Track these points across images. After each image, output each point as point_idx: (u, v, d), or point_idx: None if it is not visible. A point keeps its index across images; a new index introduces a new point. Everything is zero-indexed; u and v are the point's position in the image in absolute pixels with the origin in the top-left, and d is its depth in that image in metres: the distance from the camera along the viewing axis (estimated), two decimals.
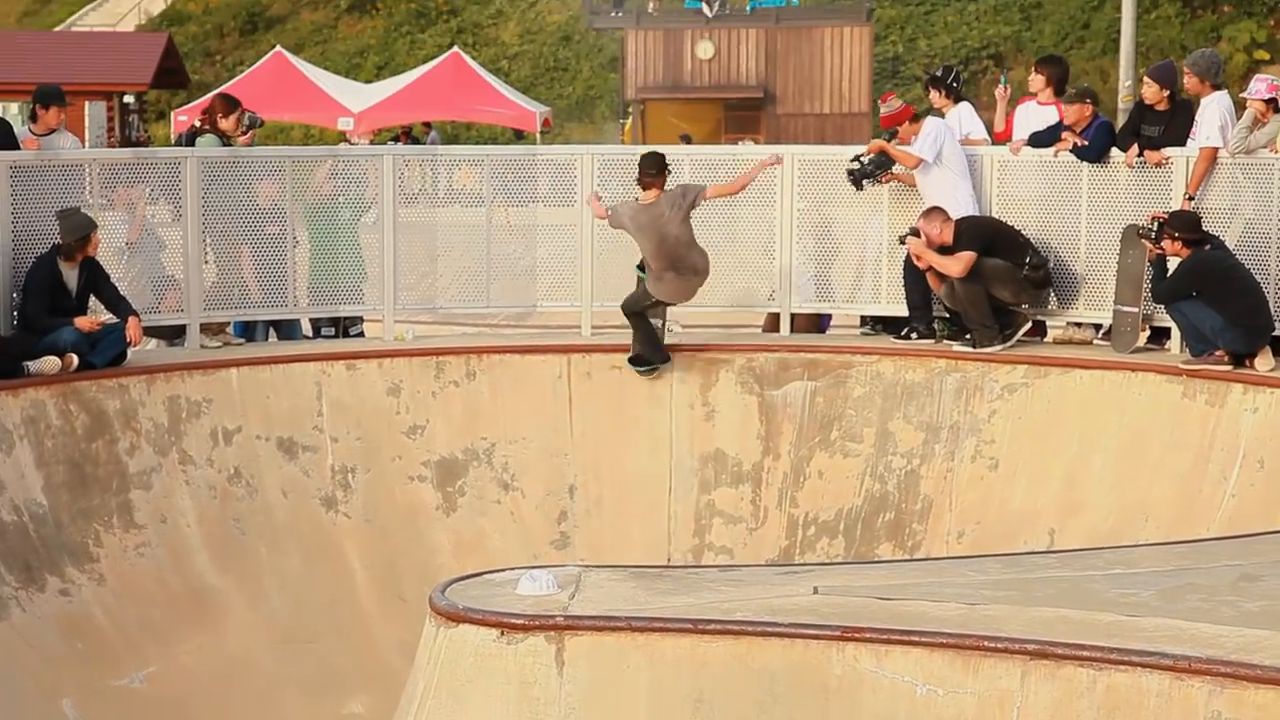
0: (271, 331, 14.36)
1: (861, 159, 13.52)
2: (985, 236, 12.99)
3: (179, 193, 13.24)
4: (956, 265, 12.95)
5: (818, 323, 14.65)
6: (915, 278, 13.45)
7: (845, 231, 14.13)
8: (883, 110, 13.85)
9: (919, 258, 13.15)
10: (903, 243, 13.27)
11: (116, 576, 11.56)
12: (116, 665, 11.07)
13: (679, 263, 13.09)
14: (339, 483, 12.76)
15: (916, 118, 13.53)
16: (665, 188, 13.01)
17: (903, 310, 13.67)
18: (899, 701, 6.55)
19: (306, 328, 14.72)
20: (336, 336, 14.65)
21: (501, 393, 13.38)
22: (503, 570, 7.86)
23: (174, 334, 13.88)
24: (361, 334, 14.94)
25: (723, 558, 12.81)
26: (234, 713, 10.68)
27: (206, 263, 13.58)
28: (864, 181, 13.52)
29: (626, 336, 13.98)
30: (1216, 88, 12.82)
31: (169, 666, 11.17)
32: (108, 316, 12.65)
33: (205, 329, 13.57)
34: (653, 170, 13.04)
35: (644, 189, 13.09)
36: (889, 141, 13.56)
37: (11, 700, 10.38)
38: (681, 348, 13.58)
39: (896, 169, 13.53)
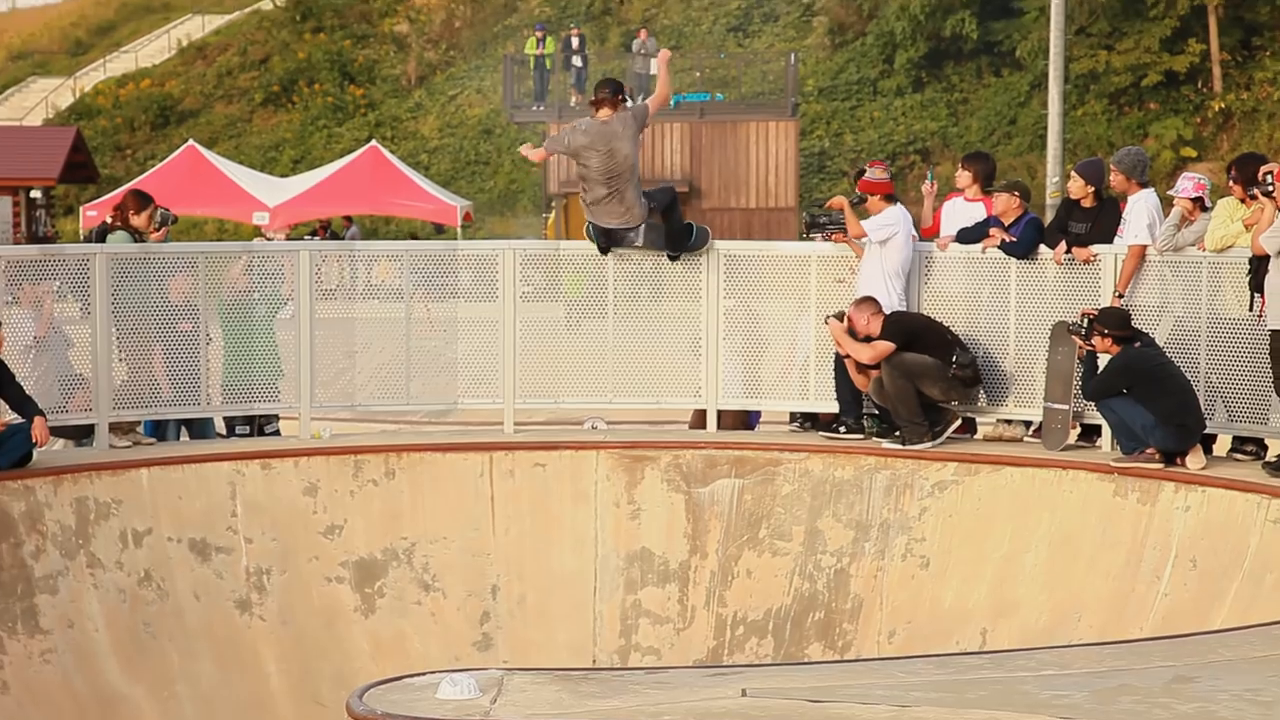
0: (184, 430, 14.25)
1: (824, 211, 13.83)
2: (909, 332, 13.12)
3: (88, 289, 13.15)
4: (868, 352, 13.09)
5: (746, 419, 14.71)
6: (845, 372, 13.55)
7: (773, 327, 14.24)
8: (868, 174, 13.89)
9: (837, 342, 13.28)
10: (826, 323, 13.40)
11: (21, 684, 11.37)
12: None
13: (620, 184, 13.63)
14: (254, 584, 12.65)
15: (888, 198, 13.61)
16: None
17: (832, 407, 13.76)
18: None
19: (220, 426, 14.63)
20: (251, 435, 14.55)
21: (422, 491, 13.33)
22: (423, 674, 7.79)
23: (82, 433, 13.76)
24: (277, 432, 14.86)
25: (649, 659, 12.78)
26: None
27: (117, 360, 13.48)
28: (813, 231, 13.75)
29: (550, 434, 14.02)
30: (1143, 185, 13.06)
31: None
32: (12, 416, 12.51)
33: (115, 428, 13.45)
34: (607, 91, 13.68)
35: (597, 109, 13.64)
36: (855, 206, 13.67)
37: None
38: (607, 445, 13.59)
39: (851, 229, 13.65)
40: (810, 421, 14.13)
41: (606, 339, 14.13)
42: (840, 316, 13.30)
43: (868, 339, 13.14)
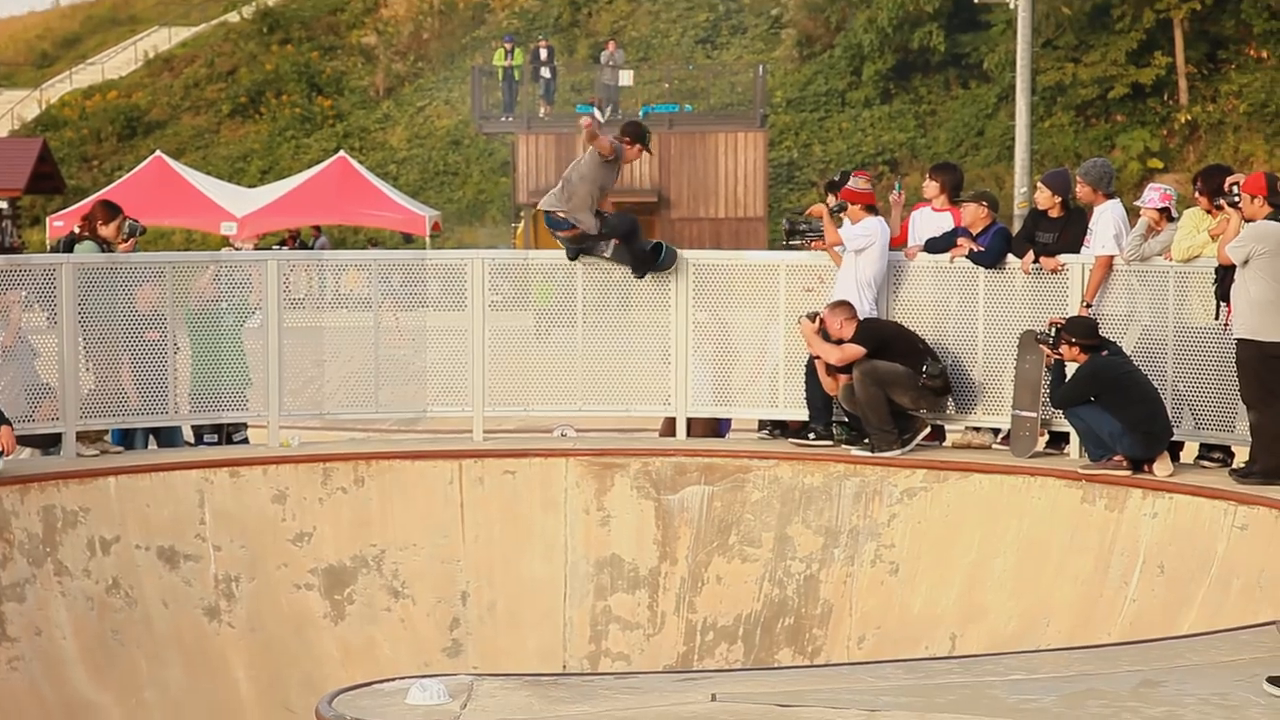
0: (151, 439, 14.22)
1: (802, 218, 13.86)
2: (880, 339, 13.16)
3: (54, 299, 13.12)
4: (836, 354, 13.13)
5: (716, 427, 14.74)
6: (816, 378, 13.59)
7: (742, 335, 14.27)
8: (852, 183, 13.90)
9: (807, 342, 13.31)
10: (799, 323, 13.43)
11: None
12: None
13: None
14: (222, 592, 12.62)
15: (869, 209, 13.61)
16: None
17: (801, 414, 13.79)
18: None
19: (188, 434, 14.60)
20: (219, 444, 14.52)
21: (391, 499, 13.32)
22: (392, 679, 7.81)
23: (49, 443, 13.71)
24: (245, 440, 14.83)
25: (619, 664, 12.79)
26: None
27: (84, 369, 13.44)
28: (793, 237, 13.79)
29: (519, 442, 14.03)
30: (1109, 196, 13.13)
31: None
32: None
33: (82, 437, 13.41)
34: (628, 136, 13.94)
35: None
36: (834, 214, 13.69)
37: None
38: (577, 452, 13.60)
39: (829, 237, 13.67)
40: (779, 429, 14.16)
41: (576, 347, 14.17)
42: (813, 317, 13.33)
43: (839, 342, 13.18)
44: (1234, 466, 12.15)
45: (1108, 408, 12.17)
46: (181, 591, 12.51)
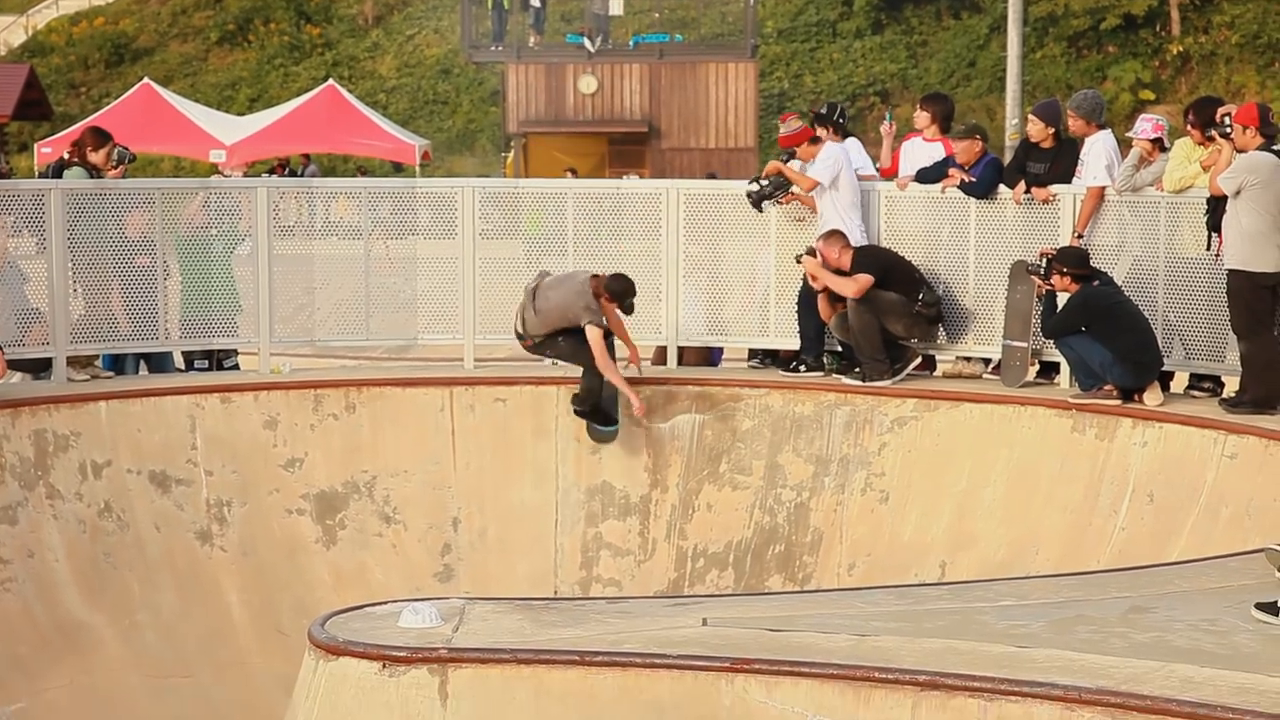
0: (142, 365, 14.20)
1: (760, 181, 13.68)
2: (882, 266, 13.14)
3: (44, 225, 13.07)
4: (852, 286, 13.08)
5: (709, 356, 14.74)
6: (808, 309, 13.58)
7: (734, 265, 14.24)
8: (782, 130, 13.96)
9: (814, 277, 13.26)
10: (799, 262, 13.39)
11: None
12: None
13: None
14: (214, 516, 12.64)
15: (814, 141, 13.62)
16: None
17: (792, 344, 13.79)
18: None
19: (179, 361, 14.57)
20: (210, 370, 14.50)
21: (382, 426, 13.33)
22: (385, 603, 7.83)
23: (39, 367, 13.68)
24: (236, 367, 14.82)
25: (611, 590, 12.84)
26: None
27: (74, 295, 13.41)
28: (764, 203, 13.67)
29: (509, 369, 14.04)
30: (1100, 127, 13.08)
31: (38, 702, 10.99)
32: None
33: (72, 362, 13.39)
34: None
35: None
36: (786, 163, 13.66)
37: None
38: (568, 381, 13.59)
39: (796, 189, 13.64)
40: (769, 358, 14.16)
41: None
42: (811, 253, 13.28)
43: (839, 273, 13.15)
44: (1224, 396, 12.17)
45: (1098, 337, 12.17)
46: (173, 516, 12.53)
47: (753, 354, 14.45)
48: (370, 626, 7.34)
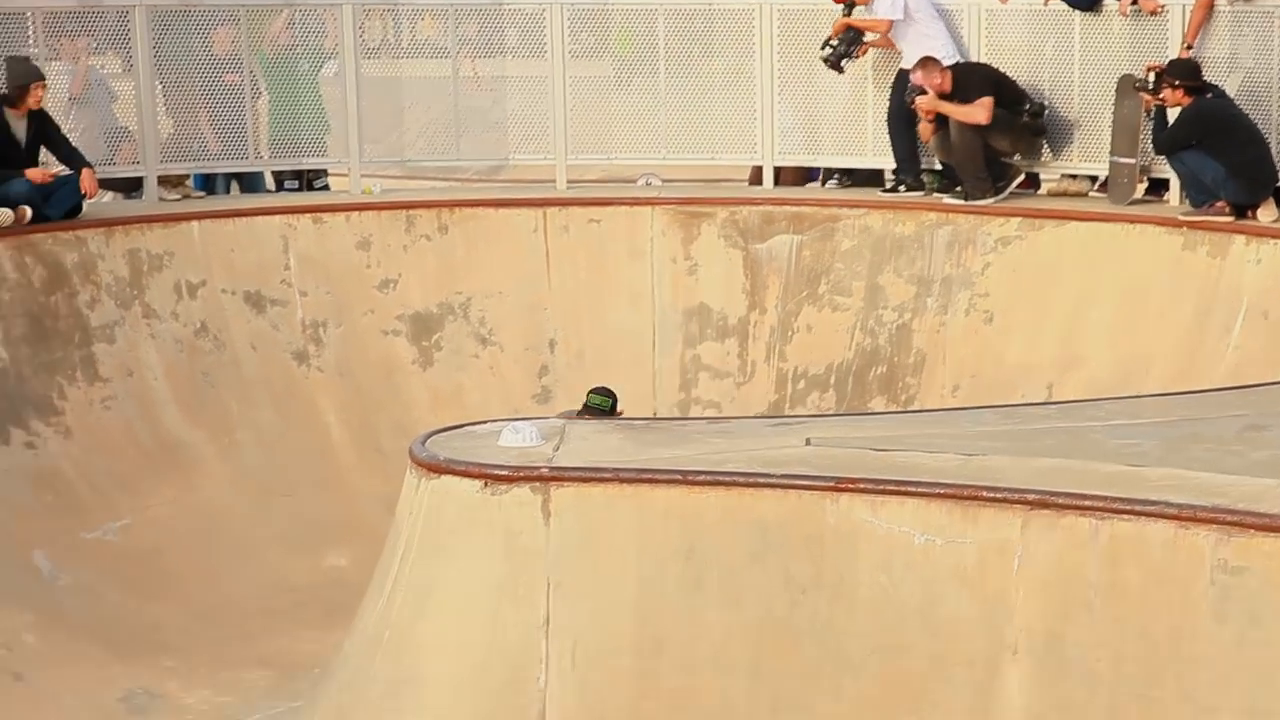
0: (233, 185, 14.26)
1: (831, 42, 13.46)
2: (989, 81, 12.92)
3: (129, 43, 13.07)
4: (981, 112, 12.87)
5: (806, 176, 14.59)
6: (901, 129, 13.41)
7: (829, 82, 14.01)
8: None
9: (929, 113, 13.02)
10: (911, 105, 13.14)
11: (84, 429, 11.59)
12: (87, 517, 11.14)
13: None
14: (310, 337, 12.76)
15: None
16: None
17: (890, 163, 13.61)
18: (896, 552, 6.59)
19: (269, 182, 14.62)
20: (301, 191, 14.54)
21: (475, 247, 13.34)
22: (485, 422, 7.86)
23: (130, 187, 13.80)
24: (326, 188, 14.85)
25: (710, 412, 12.87)
26: (211, 565, 10.76)
27: (162, 114, 13.46)
28: (842, 63, 13.46)
29: (602, 190, 13.97)
30: None
31: (142, 519, 11.26)
32: (60, 169, 12.57)
33: (163, 181, 13.49)
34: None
35: None
36: (848, 13, 13.43)
37: None
38: (662, 201, 13.53)
39: (870, 38, 13.43)
40: (847, 176, 14.00)
41: (659, 96, 14.14)
42: (920, 91, 13.01)
43: (945, 98, 12.92)
44: None
45: (1211, 152, 11.92)
46: (269, 336, 12.66)
47: (839, 174, 14.25)
48: (471, 445, 7.37)
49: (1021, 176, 13.28)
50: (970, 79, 12.91)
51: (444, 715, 6.77)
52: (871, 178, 13.91)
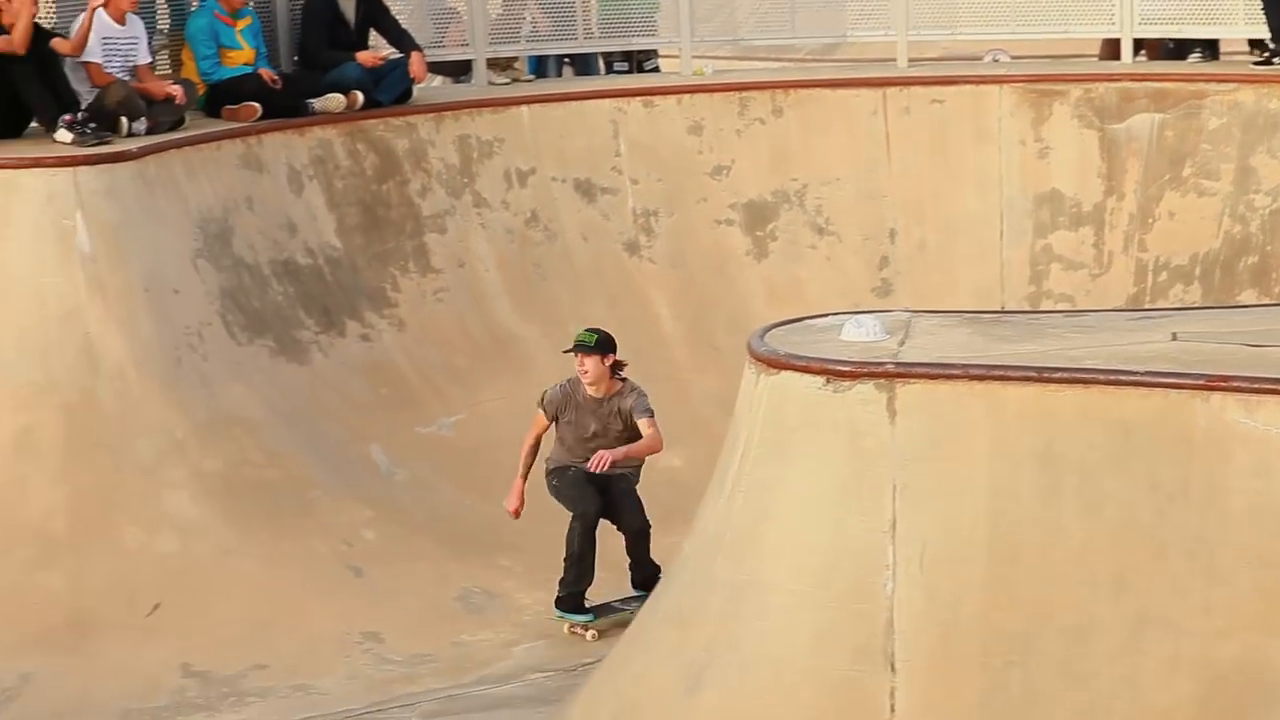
0: (565, 68, 14.44)
1: None
2: None
3: None
4: None
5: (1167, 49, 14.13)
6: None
7: None
8: None
9: None
10: None
11: (417, 322, 11.95)
12: (422, 412, 11.50)
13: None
14: (641, 226, 12.90)
15: None
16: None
17: (1260, 32, 13.08)
18: (1274, 456, 6.37)
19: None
20: (630, 73, 14.64)
21: (811, 130, 13.28)
22: (825, 315, 7.82)
23: (459, 70, 14.05)
24: (656, 70, 14.93)
25: (1063, 306, 12.59)
26: (544, 464, 10.92)
27: None
28: None
29: (945, 69, 13.77)
30: None
31: (475, 414, 11.57)
32: (390, 51, 12.86)
33: (492, 65, 13.70)
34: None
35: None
36: None
37: (322, 444, 10.88)
38: (1011, 79, 13.24)
39: None
40: (1207, 49, 13.49)
41: None
42: None
43: None
44: None
45: None
46: (600, 225, 12.83)
47: (1200, 46, 13.74)
48: (811, 340, 7.34)
49: None
50: None
51: (787, 620, 6.80)
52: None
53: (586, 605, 9.82)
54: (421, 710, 8.88)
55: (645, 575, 9.84)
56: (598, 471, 9.63)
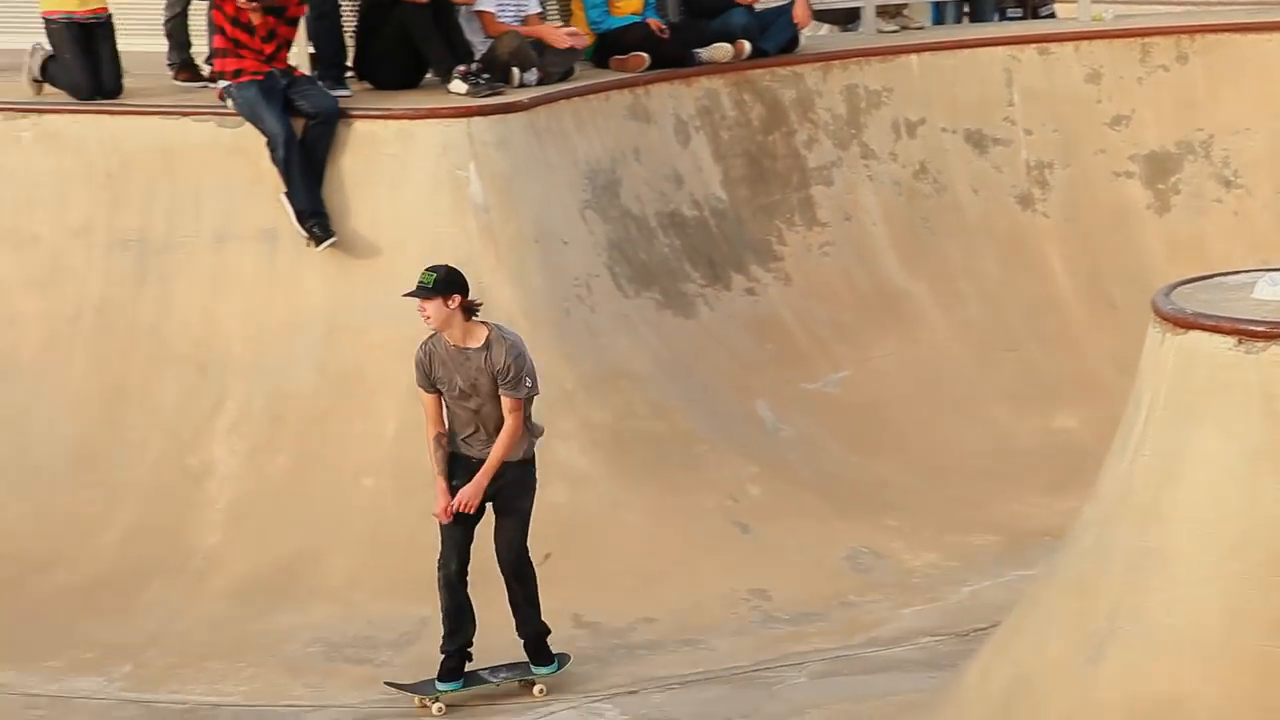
0: (963, 15, 14.44)
1: None
2: None
3: None
4: None
5: None
6: None
7: None
8: None
9: None
10: None
11: (802, 276, 12.10)
12: (808, 368, 11.68)
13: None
14: (1035, 179, 12.82)
15: None
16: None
17: None
18: None
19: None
20: (1025, 19, 14.54)
21: (1219, 78, 13.04)
22: (1236, 272, 7.72)
23: (847, 18, 14.14)
24: (1052, 15, 14.81)
25: None
26: (934, 422, 11.00)
27: None
28: None
29: None
30: None
31: (862, 371, 11.70)
32: None
33: (882, 12, 13.77)
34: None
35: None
36: None
37: (708, 398, 11.15)
38: None
39: None
40: None
41: None
42: None
43: None
44: None
45: None
46: (991, 178, 12.80)
47: None
48: (1222, 298, 7.26)
49: None
50: None
51: (1195, 591, 6.75)
52: None
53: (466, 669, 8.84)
54: (810, 670, 9.04)
55: (529, 630, 8.83)
56: (458, 511, 8.61)
